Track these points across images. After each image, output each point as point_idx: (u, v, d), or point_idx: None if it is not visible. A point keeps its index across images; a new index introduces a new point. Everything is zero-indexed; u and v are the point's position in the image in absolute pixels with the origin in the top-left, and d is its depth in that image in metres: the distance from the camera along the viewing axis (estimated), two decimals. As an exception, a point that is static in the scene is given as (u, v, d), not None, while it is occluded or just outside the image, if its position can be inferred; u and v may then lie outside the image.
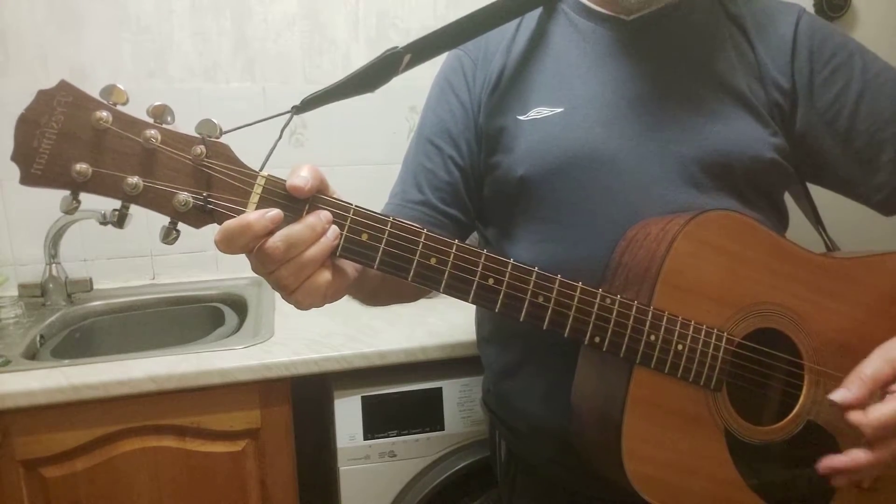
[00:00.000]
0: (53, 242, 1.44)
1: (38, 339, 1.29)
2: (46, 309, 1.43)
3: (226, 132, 0.56)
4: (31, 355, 1.23)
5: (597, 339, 0.66)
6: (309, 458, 1.38)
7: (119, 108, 0.53)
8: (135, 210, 0.56)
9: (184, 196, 0.54)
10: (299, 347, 1.19)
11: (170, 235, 0.56)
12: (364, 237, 0.59)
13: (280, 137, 0.63)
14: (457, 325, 1.27)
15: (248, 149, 0.61)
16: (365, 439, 1.20)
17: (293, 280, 0.57)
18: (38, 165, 0.51)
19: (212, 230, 0.55)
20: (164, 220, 0.56)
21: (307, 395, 1.29)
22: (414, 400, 1.22)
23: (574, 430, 0.75)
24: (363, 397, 1.20)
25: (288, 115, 0.65)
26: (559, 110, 0.79)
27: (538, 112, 0.80)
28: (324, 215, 0.57)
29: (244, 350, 1.18)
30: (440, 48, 0.80)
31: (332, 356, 1.17)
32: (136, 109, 0.55)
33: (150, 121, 0.54)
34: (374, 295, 0.83)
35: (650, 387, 0.68)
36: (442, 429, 1.23)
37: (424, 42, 0.77)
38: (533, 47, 0.84)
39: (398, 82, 0.81)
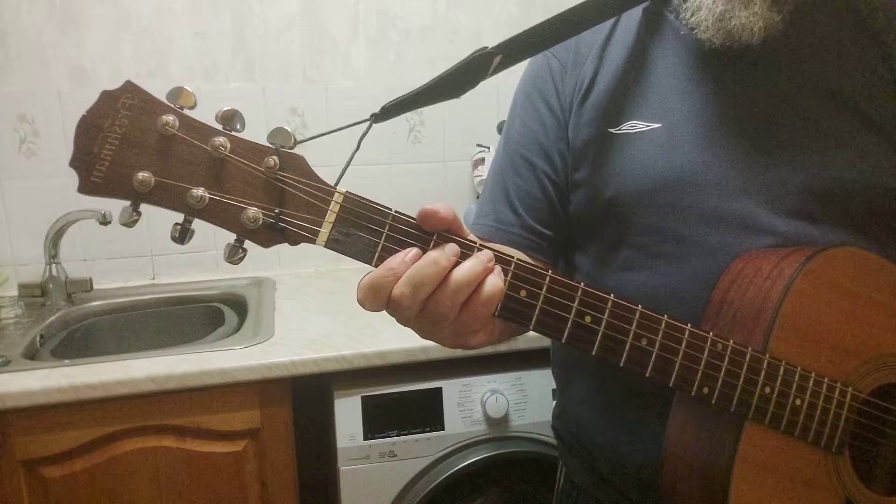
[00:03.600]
0: (53, 242, 1.44)
1: (38, 339, 1.29)
2: (46, 309, 1.43)
3: (300, 142, 0.52)
4: (31, 355, 1.23)
5: (705, 390, 0.59)
6: (309, 458, 1.38)
7: (186, 112, 0.50)
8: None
9: (253, 212, 0.50)
10: (299, 347, 1.19)
11: (236, 254, 0.52)
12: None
13: (357, 148, 0.59)
14: (457, 325, 1.27)
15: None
16: (365, 439, 1.20)
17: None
18: (98, 172, 0.47)
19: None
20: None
21: (307, 395, 1.28)
22: (414, 400, 1.22)
23: (664, 483, 0.67)
24: (363, 397, 1.20)
25: (367, 124, 0.60)
26: (656, 126, 0.71)
27: (632, 126, 0.72)
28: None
29: (244, 350, 1.18)
30: (533, 49, 0.72)
31: (332, 356, 1.17)
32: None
33: (219, 127, 0.50)
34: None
35: (762, 446, 0.61)
36: (442, 429, 1.23)
37: (516, 42, 0.68)
38: (629, 53, 0.75)
39: (396, 83, 0.80)
